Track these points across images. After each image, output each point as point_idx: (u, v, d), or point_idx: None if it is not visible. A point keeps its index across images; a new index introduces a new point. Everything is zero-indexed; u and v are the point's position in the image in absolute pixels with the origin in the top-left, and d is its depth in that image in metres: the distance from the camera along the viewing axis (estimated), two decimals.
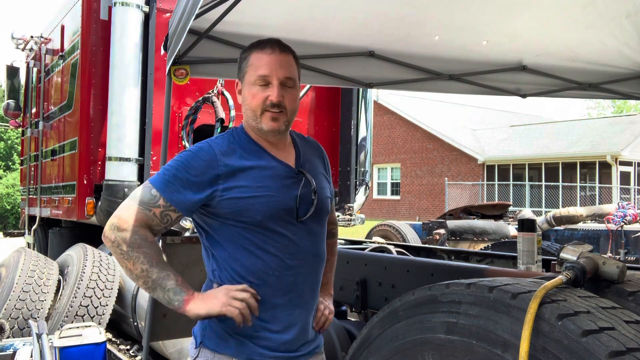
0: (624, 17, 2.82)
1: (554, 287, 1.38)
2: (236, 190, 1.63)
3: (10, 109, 7.95)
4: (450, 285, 1.53)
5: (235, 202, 1.63)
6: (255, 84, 1.68)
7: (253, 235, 1.65)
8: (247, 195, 1.63)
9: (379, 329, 1.73)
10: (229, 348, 1.66)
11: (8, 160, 32.51)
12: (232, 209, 1.64)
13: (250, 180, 1.65)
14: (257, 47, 1.73)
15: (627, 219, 7.69)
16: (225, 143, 1.70)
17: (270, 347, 1.67)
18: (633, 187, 19.90)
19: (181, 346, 4.00)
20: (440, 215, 10.58)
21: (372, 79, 3.54)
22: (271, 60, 1.68)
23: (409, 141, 25.73)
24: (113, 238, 1.61)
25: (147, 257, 1.60)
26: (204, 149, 1.67)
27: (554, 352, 1.23)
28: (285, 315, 1.69)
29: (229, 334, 1.67)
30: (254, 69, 1.69)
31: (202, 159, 1.64)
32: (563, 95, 3.86)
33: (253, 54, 1.72)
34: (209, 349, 1.68)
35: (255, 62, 1.69)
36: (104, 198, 5.37)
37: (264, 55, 1.69)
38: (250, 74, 1.70)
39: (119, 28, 5.34)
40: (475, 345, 1.38)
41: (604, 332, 1.21)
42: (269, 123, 1.68)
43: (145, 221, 1.62)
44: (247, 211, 1.63)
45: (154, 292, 1.62)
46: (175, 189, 1.62)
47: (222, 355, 1.66)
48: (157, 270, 1.60)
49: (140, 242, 1.60)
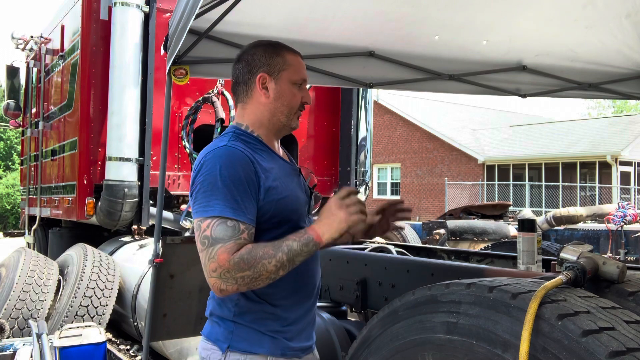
0: (624, 17, 2.82)
1: (554, 287, 1.37)
2: (273, 193, 1.64)
3: (10, 109, 7.96)
4: (450, 285, 1.53)
5: (274, 205, 1.64)
6: (296, 85, 1.75)
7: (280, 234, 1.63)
8: (280, 196, 1.65)
9: (379, 329, 1.73)
10: (264, 347, 1.65)
11: (8, 160, 32.51)
12: (271, 211, 1.63)
13: (276, 182, 1.66)
14: (286, 49, 1.79)
15: (627, 219, 7.70)
16: (245, 145, 1.67)
17: (297, 339, 1.72)
18: (633, 187, 19.90)
19: (181, 346, 4.00)
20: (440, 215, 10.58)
21: (372, 79, 3.54)
22: (304, 65, 1.80)
23: (409, 141, 25.73)
24: (236, 281, 1.52)
25: (265, 257, 1.52)
26: (236, 154, 1.61)
27: (554, 352, 1.23)
28: (304, 307, 1.75)
29: (261, 332, 1.66)
30: (295, 70, 1.76)
31: (242, 163, 1.60)
32: (563, 95, 3.86)
33: (287, 54, 1.77)
34: (240, 351, 1.65)
35: (294, 63, 1.77)
36: (104, 198, 5.37)
37: (298, 59, 1.79)
38: (292, 74, 1.75)
39: (119, 28, 5.34)
40: (475, 345, 1.38)
41: (604, 332, 1.21)
42: (296, 121, 1.79)
43: (240, 247, 1.55)
44: (282, 212, 1.65)
45: (294, 264, 1.57)
46: (244, 208, 1.57)
47: (255, 355, 1.65)
48: (280, 252, 1.53)
49: (250, 258, 1.52)
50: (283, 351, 1.67)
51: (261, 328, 1.66)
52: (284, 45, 1.81)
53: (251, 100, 1.76)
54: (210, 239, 1.54)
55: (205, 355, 1.70)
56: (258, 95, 1.74)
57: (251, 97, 1.75)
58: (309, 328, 1.80)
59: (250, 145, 1.68)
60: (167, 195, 5.71)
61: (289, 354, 1.69)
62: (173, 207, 5.87)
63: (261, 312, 1.67)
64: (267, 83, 1.73)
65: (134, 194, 5.39)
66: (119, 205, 5.33)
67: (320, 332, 2.76)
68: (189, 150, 5.31)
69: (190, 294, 3.12)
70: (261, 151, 1.70)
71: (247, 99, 1.77)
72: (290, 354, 1.69)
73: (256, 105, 1.75)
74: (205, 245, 1.55)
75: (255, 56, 1.76)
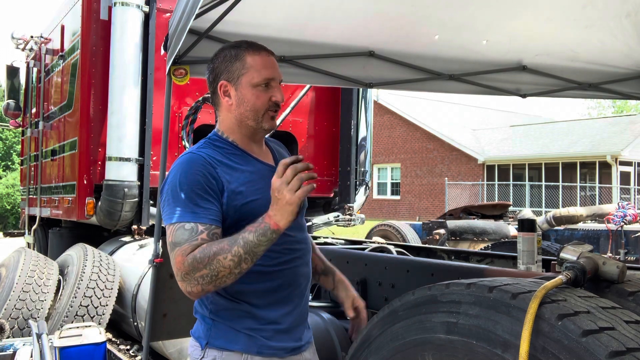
0: (624, 17, 2.82)
1: (554, 287, 1.37)
2: (237, 198, 1.64)
3: (10, 109, 7.95)
4: (450, 285, 1.53)
5: (238, 209, 1.64)
6: (259, 86, 1.71)
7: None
8: (245, 201, 1.65)
9: (379, 329, 1.73)
10: (239, 344, 1.67)
11: (7, 160, 32.51)
12: (236, 217, 1.64)
13: (245, 186, 1.67)
14: (248, 48, 1.75)
15: (627, 219, 7.69)
16: (211, 152, 1.69)
17: (278, 338, 1.70)
18: (633, 187, 19.90)
19: (181, 346, 4.00)
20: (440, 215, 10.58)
21: (372, 79, 3.54)
22: (270, 62, 1.74)
23: (409, 141, 25.73)
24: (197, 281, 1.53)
25: (220, 252, 1.52)
26: (195, 160, 1.65)
27: (554, 352, 1.23)
28: (288, 307, 1.73)
29: (236, 330, 1.68)
30: (256, 72, 1.71)
31: (199, 169, 1.62)
32: (563, 95, 3.86)
33: (248, 55, 1.73)
34: (217, 348, 1.68)
35: (255, 64, 1.72)
36: (104, 198, 5.37)
37: (261, 58, 1.73)
38: (252, 76, 1.71)
39: (119, 28, 5.34)
40: (475, 345, 1.38)
41: (604, 332, 1.21)
42: (270, 122, 1.74)
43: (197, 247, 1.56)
44: (249, 216, 1.62)
45: (256, 255, 1.55)
46: (205, 209, 1.59)
47: (231, 352, 1.67)
48: (236, 245, 1.52)
49: (202, 256, 1.52)
50: (259, 349, 1.67)
51: (236, 326, 1.68)
52: (247, 46, 1.75)
53: (220, 108, 1.78)
54: (171, 244, 1.59)
55: (190, 352, 1.75)
56: (223, 103, 1.76)
57: (220, 105, 1.78)
58: (298, 329, 1.77)
59: (221, 150, 1.71)
60: None
61: (266, 352, 1.68)
62: None
63: (236, 310, 1.69)
64: (228, 90, 1.74)
65: (134, 194, 5.39)
66: (119, 205, 5.33)
67: (320, 332, 2.76)
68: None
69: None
70: (234, 155, 1.72)
71: (217, 107, 1.79)
72: (267, 353, 1.68)
73: (225, 113, 1.77)
74: (169, 251, 1.60)
75: (216, 63, 1.77)
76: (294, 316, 1.75)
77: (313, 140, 6.69)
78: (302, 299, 1.79)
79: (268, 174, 1.69)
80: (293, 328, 1.75)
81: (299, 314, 1.77)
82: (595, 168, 20.75)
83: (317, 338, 1.91)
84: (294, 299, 1.75)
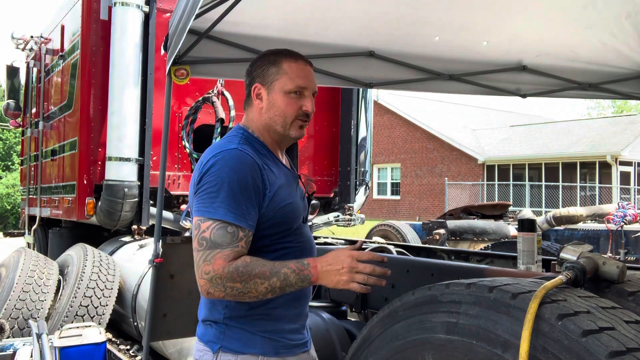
0: (624, 17, 2.82)
1: (554, 287, 1.37)
2: (277, 200, 1.66)
3: (10, 109, 7.95)
4: (450, 285, 1.53)
5: (278, 212, 1.66)
6: (291, 93, 1.72)
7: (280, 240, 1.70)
8: (284, 203, 1.68)
9: (379, 329, 1.73)
10: (255, 347, 1.66)
11: (7, 160, 32.51)
12: (274, 219, 1.66)
13: (281, 189, 1.69)
14: (286, 55, 1.77)
15: (627, 219, 7.69)
16: (254, 152, 1.68)
17: (292, 338, 1.73)
18: (633, 187, 19.89)
19: (181, 346, 4.00)
20: (440, 215, 10.58)
21: (372, 79, 3.54)
22: (305, 72, 1.75)
23: (409, 141, 25.73)
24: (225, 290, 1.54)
25: (260, 276, 1.53)
26: (246, 160, 1.63)
27: (554, 352, 1.23)
28: (300, 307, 1.78)
29: (252, 332, 1.67)
30: (289, 78, 1.72)
31: (249, 169, 1.61)
32: (563, 95, 3.86)
33: (285, 62, 1.75)
34: (232, 351, 1.66)
35: (290, 71, 1.73)
36: (104, 198, 5.37)
37: (298, 66, 1.75)
38: (285, 82, 1.72)
39: (119, 28, 5.34)
40: (475, 345, 1.38)
41: (604, 332, 1.21)
42: (297, 131, 1.76)
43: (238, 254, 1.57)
44: (284, 218, 1.67)
45: (285, 292, 1.59)
46: (247, 214, 1.58)
47: (247, 355, 1.66)
48: (275, 277, 1.54)
49: (244, 271, 1.53)
50: (276, 350, 1.69)
51: (252, 329, 1.67)
52: (286, 54, 1.78)
53: (251, 109, 1.80)
54: (208, 242, 1.55)
55: (198, 357, 1.72)
56: (255, 105, 1.78)
57: (251, 107, 1.80)
58: (305, 327, 1.83)
59: (259, 152, 1.71)
60: (167, 195, 5.71)
61: (283, 352, 1.70)
62: (173, 207, 5.86)
63: (252, 313, 1.68)
64: (261, 93, 1.76)
65: (134, 194, 5.39)
66: (119, 205, 5.33)
67: (320, 332, 2.76)
68: (189, 150, 5.30)
69: (190, 294, 3.12)
70: (266, 157, 1.72)
71: (248, 107, 1.81)
72: (284, 353, 1.70)
73: (255, 114, 1.78)
74: (202, 246, 1.56)
75: (254, 66, 1.80)
76: (304, 315, 1.81)
77: (313, 140, 6.69)
78: (308, 298, 1.83)
79: (291, 178, 1.79)
80: (302, 327, 1.80)
81: (305, 310, 1.82)
82: (595, 168, 20.75)
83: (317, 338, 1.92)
84: (304, 298, 1.79)
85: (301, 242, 1.77)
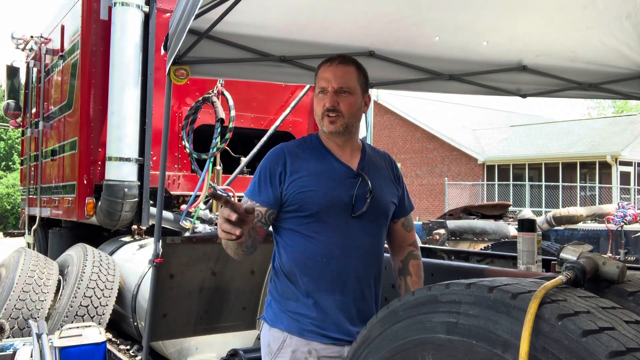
0: (624, 18, 2.82)
1: (554, 287, 1.37)
2: (297, 184, 1.89)
3: (10, 109, 7.96)
4: (450, 285, 1.53)
5: (297, 195, 1.88)
6: (318, 94, 1.97)
7: (308, 224, 1.90)
8: (306, 189, 1.89)
9: (379, 329, 1.73)
10: (282, 323, 1.91)
11: (8, 160, 32.51)
12: (293, 200, 1.89)
13: (311, 177, 1.91)
14: (324, 61, 1.99)
15: (627, 219, 7.69)
16: (296, 144, 2.01)
17: (320, 325, 1.88)
18: (633, 187, 19.90)
19: (181, 346, 4.00)
20: (440, 215, 10.58)
21: (372, 79, 3.50)
22: (329, 72, 1.94)
23: (409, 141, 25.73)
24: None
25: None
26: (276, 150, 1.98)
27: (554, 352, 1.23)
28: (329, 299, 1.89)
29: (282, 310, 1.92)
30: (317, 81, 1.97)
31: (273, 158, 1.95)
32: (563, 95, 3.86)
33: (320, 68, 1.99)
34: (268, 324, 1.95)
35: (320, 74, 1.97)
36: (104, 198, 5.37)
37: (325, 68, 1.97)
38: (317, 85, 1.98)
39: (119, 28, 5.34)
40: (475, 345, 1.38)
41: (604, 332, 1.21)
42: (328, 125, 1.94)
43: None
44: (305, 203, 1.88)
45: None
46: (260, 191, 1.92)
47: (275, 329, 1.92)
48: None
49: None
50: (300, 332, 1.88)
51: (282, 307, 1.92)
52: (326, 60, 1.98)
53: None
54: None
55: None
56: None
57: None
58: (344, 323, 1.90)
59: (304, 145, 2.00)
60: (167, 195, 5.71)
61: (307, 335, 1.87)
62: (173, 207, 5.87)
63: (285, 292, 1.92)
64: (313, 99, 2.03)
65: (134, 194, 5.39)
66: (119, 205, 5.33)
67: None
68: (189, 150, 5.30)
69: (190, 294, 3.12)
70: (312, 150, 1.98)
71: None
72: (308, 336, 1.87)
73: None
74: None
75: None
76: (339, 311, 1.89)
77: None
78: (347, 297, 1.91)
79: (342, 173, 1.96)
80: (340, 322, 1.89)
81: (346, 311, 1.91)
82: (595, 168, 20.75)
83: None
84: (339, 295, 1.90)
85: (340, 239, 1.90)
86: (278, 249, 1.99)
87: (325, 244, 1.89)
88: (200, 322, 3.17)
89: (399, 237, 2.16)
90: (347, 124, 1.94)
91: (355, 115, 1.97)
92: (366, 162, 2.02)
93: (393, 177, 2.13)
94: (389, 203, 2.05)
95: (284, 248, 1.95)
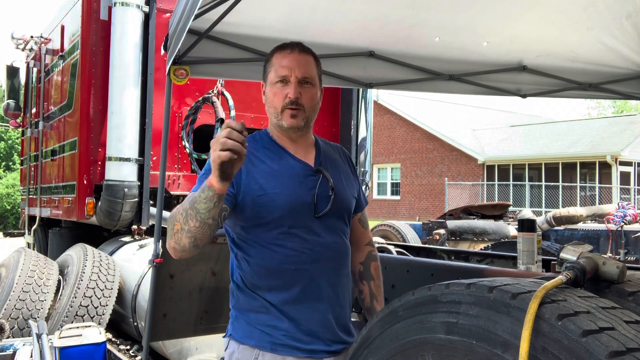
0: (624, 18, 2.83)
1: (554, 287, 1.37)
2: (253, 189, 1.71)
3: (10, 109, 7.96)
4: (450, 285, 1.53)
5: (256, 199, 1.70)
6: (277, 83, 1.77)
7: (269, 232, 1.72)
8: (264, 192, 1.71)
9: (379, 329, 1.73)
10: (253, 339, 1.72)
11: (8, 160, 32.50)
12: (254, 206, 1.70)
13: (266, 178, 1.72)
14: (278, 48, 1.82)
15: (627, 219, 7.70)
16: (253, 144, 1.77)
17: (294, 338, 1.71)
18: (633, 187, 19.90)
19: (181, 346, 4.00)
20: (440, 215, 10.58)
21: (372, 79, 3.53)
22: (290, 60, 1.77)
23: (409, 141, 25.73)
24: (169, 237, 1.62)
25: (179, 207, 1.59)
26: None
27: (554, 352, 1.23)
28: (306, 309, 1.74)
29: (252, 325, 1.73)
30: (275, 69, 1.78)
31: None
32: (563, 95, 3.86)
33: (275, 55, 1.81)
34: (236, 341, 1.75)
35: (276, 62, 1.79)
36: (104, 198, 5.37)
37: (284, 56, 1.79)
38: (271, 74, 1.79)
39: (119, 28, 5.34)
40: (475, 345, 1.38)
41: (604, 332, 1.21)
42: (289, 120, 1.77)
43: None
44: (265, 209, 1.70)
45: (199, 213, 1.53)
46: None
47: (245, 346, 1.72)
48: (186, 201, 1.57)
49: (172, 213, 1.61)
50: (273, 347, 1.70)
51: (251, 320, 1.73)
52: (278, 47, 1.83)
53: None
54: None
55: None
56: (264, 102, 1.86)
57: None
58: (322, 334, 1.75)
59: (256, 144, 1.80)
60: (167, 195, 5.71)
61: (280, 350, 1.70)
62: (173, 207, 5.86)
63: (253, 305, 1.74)
64: (264, 90, 1.84)
65: (134, 194, 5.39)
66: (119, 205, 5.33)
67: None
68: (189, 150, 5.31)
69: (190, 294, 3.12)
70: (266, 149, 1.80)
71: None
72: (281, 351, 1.70)
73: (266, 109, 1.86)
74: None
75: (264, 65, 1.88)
76: (315, 320, 1.74)
77: None
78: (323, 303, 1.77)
79: (300, 171, 1.79)
80: (316, 331, 1.74)
81: (321, 319, 1.76)
82: (595, 168, 20.75)
83: None
84: (313, 302, 1.74)
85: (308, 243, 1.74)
86: (238, 261, 1.79)
87: (291, 250, 1.72)
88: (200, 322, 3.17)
89: (357, 235, 2.00)
90: (308, 117, 1.80)
91: (315, 109, 1.84)
92: (322, 157, 1.88)
93: (351, 171, 1.98)
94: (351, 198, 1.90)
95: (245, 260, 1.76)
